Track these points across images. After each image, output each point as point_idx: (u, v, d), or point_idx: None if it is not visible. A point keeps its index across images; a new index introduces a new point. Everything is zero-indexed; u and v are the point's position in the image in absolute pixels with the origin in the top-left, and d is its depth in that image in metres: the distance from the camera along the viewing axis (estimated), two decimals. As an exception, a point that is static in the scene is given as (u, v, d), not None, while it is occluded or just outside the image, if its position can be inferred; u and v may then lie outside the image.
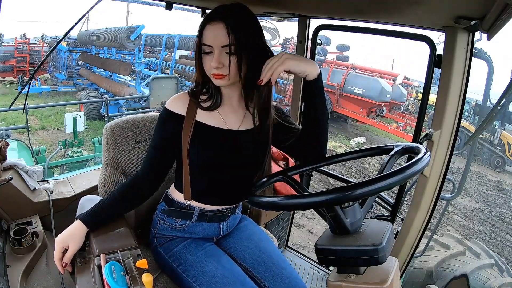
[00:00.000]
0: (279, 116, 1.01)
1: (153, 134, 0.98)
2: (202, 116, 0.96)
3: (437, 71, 1.13)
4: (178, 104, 0.96)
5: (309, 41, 1.54)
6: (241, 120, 0.99)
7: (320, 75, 0.89)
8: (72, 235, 0.90)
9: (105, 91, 9.00)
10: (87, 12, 1.37)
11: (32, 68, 12.01)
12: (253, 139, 0.97)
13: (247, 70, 0.88)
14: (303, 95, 0.94)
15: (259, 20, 0.90)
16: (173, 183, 1.08)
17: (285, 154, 1.56)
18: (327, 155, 1.01)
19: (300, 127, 0.99)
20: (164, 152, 0.97)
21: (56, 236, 0.93)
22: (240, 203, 1.14)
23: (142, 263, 0.82)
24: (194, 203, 1.02)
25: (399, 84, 10.22)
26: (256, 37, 0.88)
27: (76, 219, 0.94)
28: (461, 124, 1.11)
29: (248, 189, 0.96)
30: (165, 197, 1.09)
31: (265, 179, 1.00)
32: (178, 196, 1.04)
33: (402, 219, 1.33)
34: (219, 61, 0.85)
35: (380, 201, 1.39)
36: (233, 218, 1.11)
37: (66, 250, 0.90)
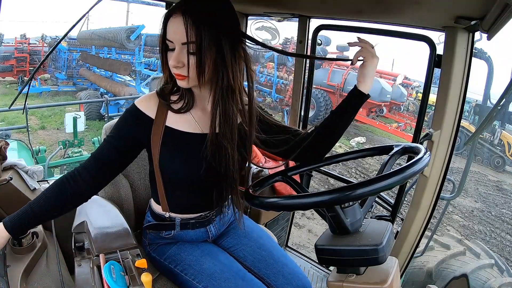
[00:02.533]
0: (261, 115, 0.95)
1: (112, 129, 0.86)
2: (173, 120, 0.87)
3: (437, 71, 1.13)
4: (148, 105, 0.86)
5: (309, 41, 1.54)
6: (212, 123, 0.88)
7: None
8: None
9: (105, 91, 9.00)
10: (87, 12, 1.37)
11: (32, 68, 12.00)
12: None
13: (213, 72, 0.77)
14: (345, 100, 0.93)
15: (259, 20, 0.89)
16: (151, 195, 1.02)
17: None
18: (327, 155, 1.01)
19: (296, 127, 0.97)
20: (124, 152, 0.85)
21: (56, 236, 0.93)
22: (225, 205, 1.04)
23: (142, 262, 0.81)
24: (173, 214, 0.97)
25: (399, 84, 10.22)
26: (227, 31, 0.76)
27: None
28: (461, 124, 1.11)
29: (228, 193, 0.91)
30: (149, 207, 1.04)
31: (265, 179, 0.99)
32: (157, 208, 0.99)
33: (402, 219, 1.33)
34: (177, 60, 0.75)
35: (380, 201, 1.39)
36: (220, 218, 1.05)
37: None
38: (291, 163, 1.56)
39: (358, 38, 0.88)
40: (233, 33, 0.78)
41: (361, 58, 0.87)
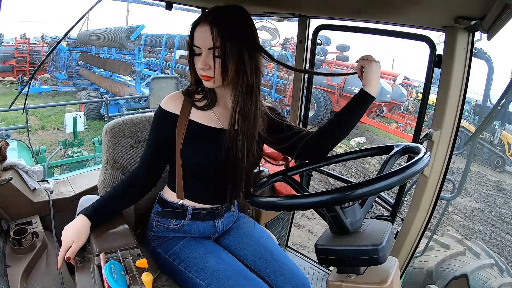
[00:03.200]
0: (275, 116, 1.03)
1: (149, 133, 0.99)
2: (196, 116, 0.97)
3: (437, 71, 1.13)
4: (172, 104, 0.97)
5: (309, 41, 1.54)
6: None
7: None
8: (77, 232, 0.90)
9: (105, 91, 9.00)
10: (87, 12, 1.37)
11: (32, 68, 11.99)
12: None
13: (235, 73, 0.87)
14: (351, 103, 0.95)
15: (259, 20, 0.91)
16: (166, 184, 1.08)
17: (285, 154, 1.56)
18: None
19: (300, 127, 0.99)
20: (160, 150, 0.98)
21: (56, 236, 0.93)
22: (235, 201, 1.12)
23: (142, 262, 0.82)
24: (187, 202, 1.02)
25: (399, 84, 10.21)
26: (247, 39, 0.87)
27: (78, 215, 0.94)
28: (461, 124, 1.11)
29: (240, 188, 0.96)
30: (158, 199, 1.09)
31: (265, 179, 0.99)
32: (171, 196, 1.04)
33: (402, 219, 1.33)
34: (205, 63, 0.86)
35: (380, 201, 1.39)
36: (228, 215, 1.11)
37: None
38: (291, 163, 1.56)
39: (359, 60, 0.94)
40: (251, 40, 0.88)
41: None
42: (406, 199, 1.51)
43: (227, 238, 1.12)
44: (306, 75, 1.61)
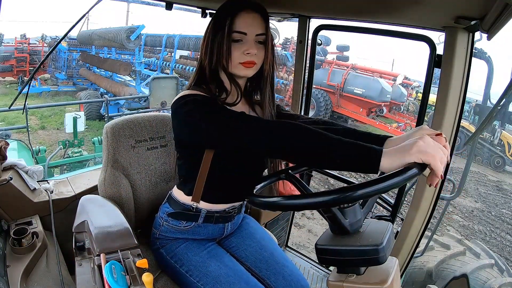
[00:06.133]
0: (279, 112, 1.02)
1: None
2: None
3: (437, 71, 1.13)
4: None
5: (309, 41, 1.54)
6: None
7: None
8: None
9: (105, 91, 8.99)
10: (87, 12, 1.37)
11: (32, 68, 11.99)
12: None
13: (267, 61, 0.90)
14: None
15: None
16: (177, 184, 1.05)
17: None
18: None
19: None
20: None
21: (56, 236, 0.93)
22: (245, 202, 1.10)
23: (143, 262, 0.81)
24: (201, 205, 0.99)
25: (399, 84, 10.21)
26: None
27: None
28: (461, 124, 1.11)
29: (253, 185, 0.93)
30: (169, 199, 1.05)
31: (265, 179, 0.99)
32: (184, 198, 1.00)
33: (402, 219, 1.33)
34: (253, 48, 0.86)
35: (380, 201, 1.39)
36: (237, 218, 1.11)
37: None
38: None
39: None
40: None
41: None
42: (406, 199, 1.51)
43: (229, 239, 1.12)
44: (306, 75, 1.61)
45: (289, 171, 1.00)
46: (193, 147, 0.92)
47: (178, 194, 1.03)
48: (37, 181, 1.36)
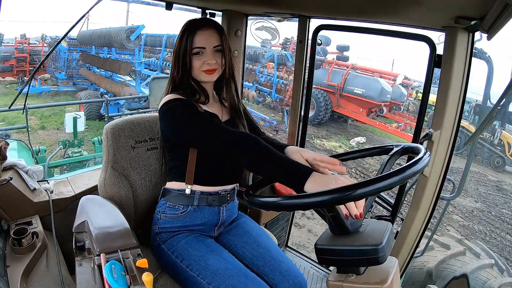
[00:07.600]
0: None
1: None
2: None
3: (437, 71, 1.13)
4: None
5: (309, 41, 1.54)
6: (222, 112, 1.15)
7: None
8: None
9: (105, 91, 8.99)
10: (87, 12, 1.38)
11: (32, 68, 11.98)
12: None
13: (225, 65, 1.10)
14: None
15: (259, 20, 0.93)
16: (168, 178, 1.12)
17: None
18: (327, 155, 1.01)
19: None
20: None
21: (56, 236, 0.93)
22: (236, 189, 1.17)
23: (143, 262, 0.82)
24: (195, 187, 1.07)
25: (399, 84, 10.21)
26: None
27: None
28: (461, 124, 1.11)
29: (240, 168, 1.12)
30: (163, 193, 1.12)
31: (265, 179, 0.99)
32: (178, 185, 1.09)
33: (402, 219, 1.33)
34: (212, 58, 1.06)
35: (380, 201, 1.39)
36: (232, 205, 1.15)
37: None
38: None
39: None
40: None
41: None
42: (406, 199, 1.51)
43: (227, 237, 1.15)
44: (306, 76, 1.61)
45: None
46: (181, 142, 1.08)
47: (171, 185, 1.11)
48: (37, 181, 1.36)
